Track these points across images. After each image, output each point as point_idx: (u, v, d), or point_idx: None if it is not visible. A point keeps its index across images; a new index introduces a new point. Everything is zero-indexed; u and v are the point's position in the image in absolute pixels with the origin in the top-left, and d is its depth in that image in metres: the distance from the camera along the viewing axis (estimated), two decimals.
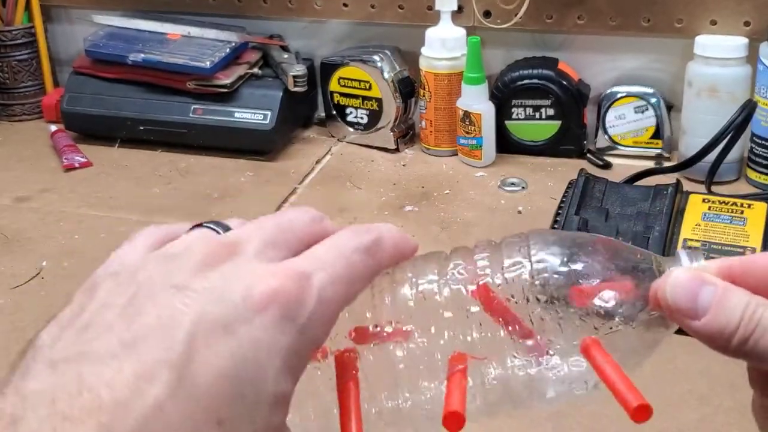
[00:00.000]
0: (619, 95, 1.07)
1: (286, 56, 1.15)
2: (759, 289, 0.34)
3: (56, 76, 1.31)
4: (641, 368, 0.40)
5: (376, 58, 1.11)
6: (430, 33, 1.09)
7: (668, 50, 1.08)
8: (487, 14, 1.12)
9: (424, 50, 1.10)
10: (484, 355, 0.36)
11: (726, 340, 0.33)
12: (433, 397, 0.36)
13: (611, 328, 0.35)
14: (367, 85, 1.12)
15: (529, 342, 0.35)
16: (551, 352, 0.35)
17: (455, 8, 1.09)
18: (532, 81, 1.07)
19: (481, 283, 0.35)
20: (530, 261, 0.35)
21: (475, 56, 1.05)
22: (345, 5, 1.17)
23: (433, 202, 1.00)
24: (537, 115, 1.08)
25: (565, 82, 1.06)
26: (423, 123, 1.13)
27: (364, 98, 1.13)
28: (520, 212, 0.97)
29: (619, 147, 1.08)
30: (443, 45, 1.08)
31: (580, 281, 0.35)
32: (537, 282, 0.35)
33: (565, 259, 0.35)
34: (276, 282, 0.30)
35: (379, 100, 1.12)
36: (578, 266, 0.35)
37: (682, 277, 0.34)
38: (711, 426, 0.65)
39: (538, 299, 0.35)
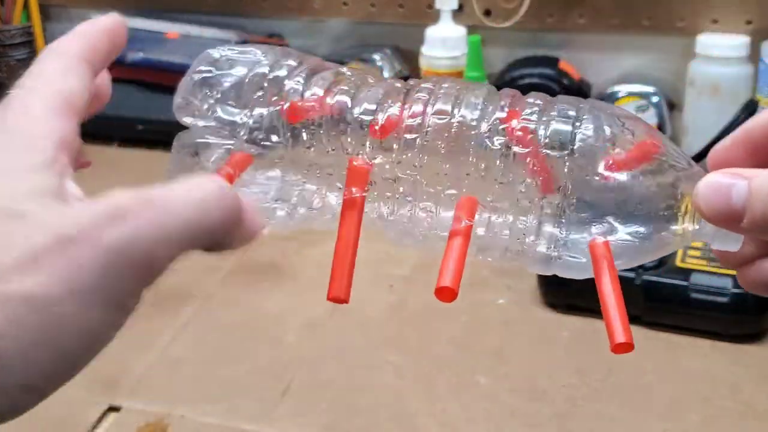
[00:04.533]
0: (620, 94, 1.07)
1: None
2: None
3: None
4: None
5: (376, 57, 1.11)
6: (431, 32, 1.09)
7: (670, 49, 1.07)
8: (487, 13, 1.11)
9: (424, 49, 1.09)
10: (494, 201, 0.36)
11: None
12: (432, 221, 0.37)
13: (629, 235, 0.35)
14: None
15: (549, 196, 0.35)
16: (563, 218, 0.35)
17: (455, 7, 1.09)
18: (533, 80, 1.06)
19: (519, 123, 0.35)
20: (578, 123, 0.35)
21: (475, 55, 1.04)
22: (345, 4, 1.17)
23: None
24: None
25: (566, 81, 1.06)
26: None
27: None
28: None
29: None
30: (443, 44, 1.08)
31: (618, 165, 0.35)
32: (576, 144, 0.35)
33: (610, 134, 0.35)
34: None
35: None
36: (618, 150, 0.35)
37: (712, 181, 0.32)
38: (713, 427, 0.65)
39: (569, 160, 0.35)
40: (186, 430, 0.65)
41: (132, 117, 1.14)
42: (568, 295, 0.76)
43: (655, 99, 1.05)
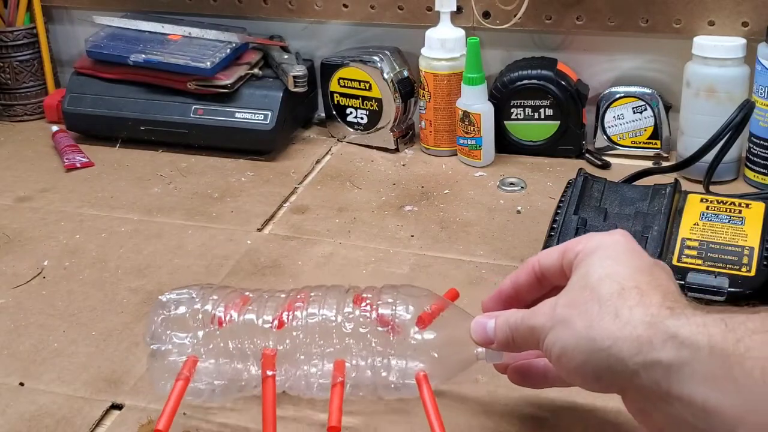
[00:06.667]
0: (617, 95, 1.08)
1: (286, 57, 1.16)
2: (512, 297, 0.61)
3: (58, 77, 1.32)
4: None
5: (376, 58, 1.12)
6: (430, 34, 1.10)
7: (666, 51, 1.08)
8: (486, 15, 1.12)
9: (423, 51, 1.10)
10: (356, 356, 0.63)
11: (514, 347, 0.57)
12: (321, 373, 0.64)
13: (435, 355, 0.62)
14: (367, 86, 1.13)
15: (393, 338, 0.62)
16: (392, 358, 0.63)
17: (454, 9, 1.09)
18: (531, 81, 1.07)
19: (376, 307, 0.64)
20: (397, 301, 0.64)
21: (474, 57, 1.05)
22: (345, 6, 1.18)
23: (433, 201, 1.01)
24: (536, 115, 1.08)
25: (564, 83, 1.07)
26: (423, 123, 1.13)
27: (364, 98, 1.14)
28: (519, 212, 0.97)
29: (618, 147, 1.09)
30: (443, 46, 1.09)
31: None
32: (399, 309, 0.63)
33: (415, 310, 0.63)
34: None
35: (378, 101, 1.12)
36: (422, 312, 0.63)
37: (476, 322, 0.59)
38: None
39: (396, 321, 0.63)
40: (187, 428, 0.66)
41: (133, 117, 1.15)
42: None
43: (651, 100, 1.06)
